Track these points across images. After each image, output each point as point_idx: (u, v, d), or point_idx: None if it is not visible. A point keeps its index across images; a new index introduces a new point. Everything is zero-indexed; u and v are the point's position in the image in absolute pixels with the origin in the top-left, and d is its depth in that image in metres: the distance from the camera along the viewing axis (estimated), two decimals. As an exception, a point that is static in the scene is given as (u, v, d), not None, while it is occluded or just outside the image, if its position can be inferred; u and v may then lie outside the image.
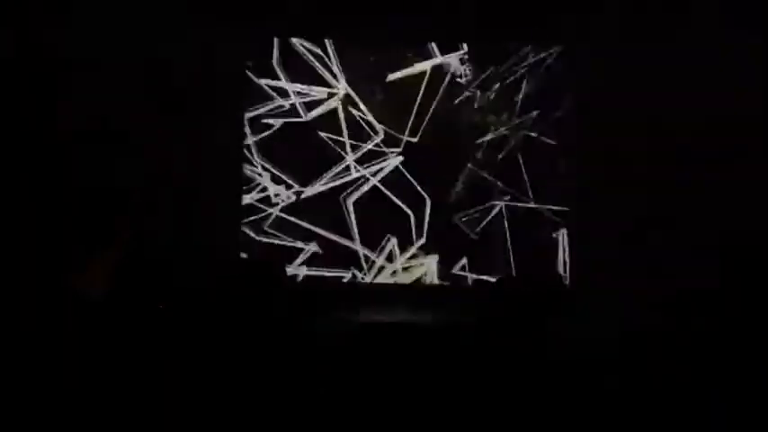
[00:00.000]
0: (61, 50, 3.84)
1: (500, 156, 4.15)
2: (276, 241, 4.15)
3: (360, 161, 4.18)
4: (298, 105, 4.15)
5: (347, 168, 4.16)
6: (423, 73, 4.15)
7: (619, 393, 2.35)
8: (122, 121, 3.89)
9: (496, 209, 4.14)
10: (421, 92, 4.15)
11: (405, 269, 4.18)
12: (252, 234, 4.14)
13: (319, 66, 4.15)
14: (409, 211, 4.15)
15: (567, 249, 4.10)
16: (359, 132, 4.18)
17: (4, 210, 3.47)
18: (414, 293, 4.13)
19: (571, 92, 4.11)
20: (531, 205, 4.13)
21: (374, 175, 4.16)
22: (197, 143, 4.00)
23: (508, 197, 4.13)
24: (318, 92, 4.15)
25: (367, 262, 4.16)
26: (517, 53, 4.14)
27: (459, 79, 4.15)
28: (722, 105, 3.85)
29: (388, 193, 4.16)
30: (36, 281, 2.36)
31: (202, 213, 4.00)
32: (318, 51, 4.16)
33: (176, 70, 3.95)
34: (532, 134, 4.13)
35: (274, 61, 4.14)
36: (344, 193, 4.16)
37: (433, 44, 4.16)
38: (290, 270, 4.05)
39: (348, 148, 4.15)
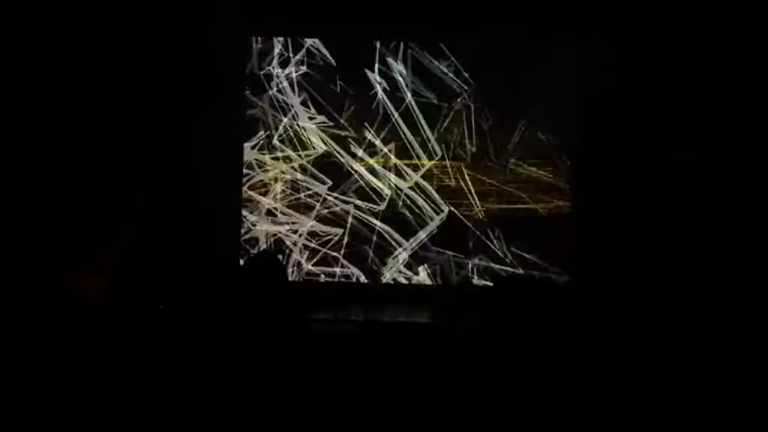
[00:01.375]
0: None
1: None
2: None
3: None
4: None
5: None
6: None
7: (618, 394, 2.35)
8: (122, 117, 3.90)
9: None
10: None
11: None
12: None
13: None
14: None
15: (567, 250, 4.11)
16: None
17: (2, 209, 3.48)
18: (414, 293, 4.13)
19: (573, 89, 4.10)
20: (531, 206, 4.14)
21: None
22: (197, 138, 4.01)
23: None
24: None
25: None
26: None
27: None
28: (726, 104, 3.83)
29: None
30: (34, 281, 2.37)
31: (203, 212, 4.01)
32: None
33: (175, 64, 3.96)
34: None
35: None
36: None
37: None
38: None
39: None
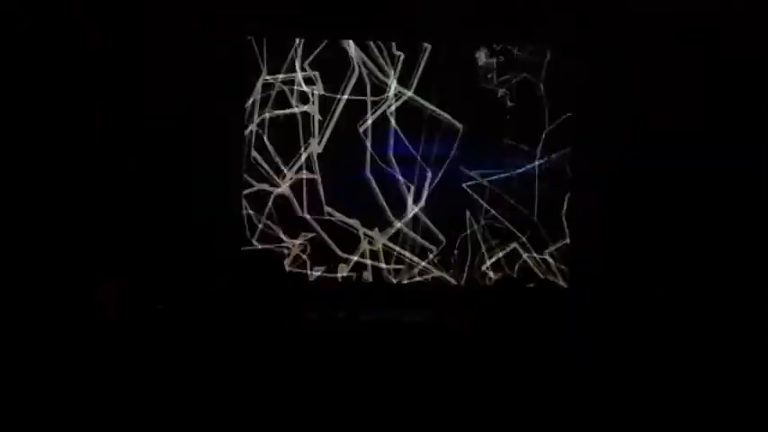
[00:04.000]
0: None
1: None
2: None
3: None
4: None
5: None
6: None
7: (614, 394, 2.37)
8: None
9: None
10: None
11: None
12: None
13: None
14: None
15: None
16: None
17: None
18: (413, 293, 4.14)
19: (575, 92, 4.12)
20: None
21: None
22: (198, 138, 4.01)
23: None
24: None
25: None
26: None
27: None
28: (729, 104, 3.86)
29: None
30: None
31: (203, 212, 4.01)
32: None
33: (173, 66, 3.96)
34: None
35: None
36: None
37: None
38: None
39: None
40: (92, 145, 3.87)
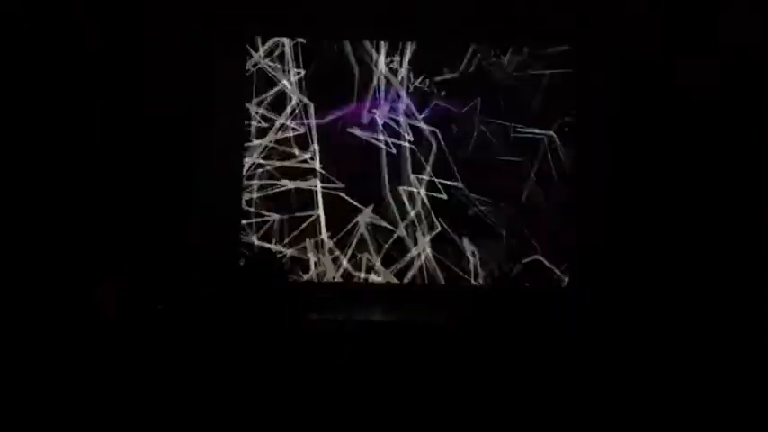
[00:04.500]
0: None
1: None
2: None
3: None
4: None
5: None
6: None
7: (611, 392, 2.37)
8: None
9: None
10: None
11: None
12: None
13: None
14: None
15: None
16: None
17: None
18: (412, 293, 4.13)
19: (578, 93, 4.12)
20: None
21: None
22: (198, 140, 4.01)
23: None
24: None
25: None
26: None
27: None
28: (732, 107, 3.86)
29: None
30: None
31: (202, 213, 4.01)
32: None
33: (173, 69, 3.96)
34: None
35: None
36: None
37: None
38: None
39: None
40: (92, 145, 3.88)
